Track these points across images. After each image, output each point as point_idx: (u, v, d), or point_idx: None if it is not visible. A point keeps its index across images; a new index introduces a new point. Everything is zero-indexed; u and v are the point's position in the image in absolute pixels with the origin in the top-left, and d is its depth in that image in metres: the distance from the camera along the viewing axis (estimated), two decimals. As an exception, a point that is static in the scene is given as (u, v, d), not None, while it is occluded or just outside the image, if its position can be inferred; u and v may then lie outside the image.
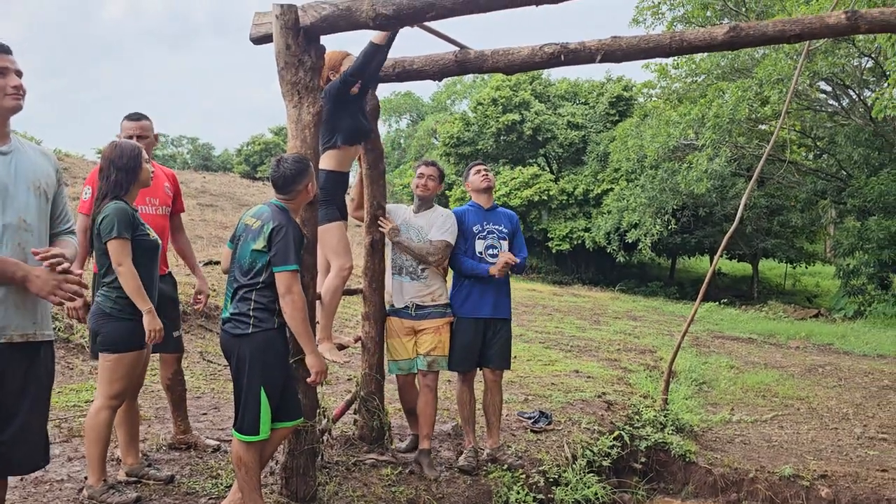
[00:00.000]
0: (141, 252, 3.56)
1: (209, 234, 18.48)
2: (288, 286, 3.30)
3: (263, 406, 3.32)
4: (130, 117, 4.31)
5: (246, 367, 3.33)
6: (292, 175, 3.49)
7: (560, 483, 5.02)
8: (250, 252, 3.39)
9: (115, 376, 3.51)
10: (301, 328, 3.34)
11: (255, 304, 3.35)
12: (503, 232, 4.98)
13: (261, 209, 3.52)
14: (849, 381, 9.96)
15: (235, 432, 3.38)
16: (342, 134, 4.29)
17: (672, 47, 4.03)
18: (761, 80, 16.62)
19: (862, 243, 18.38)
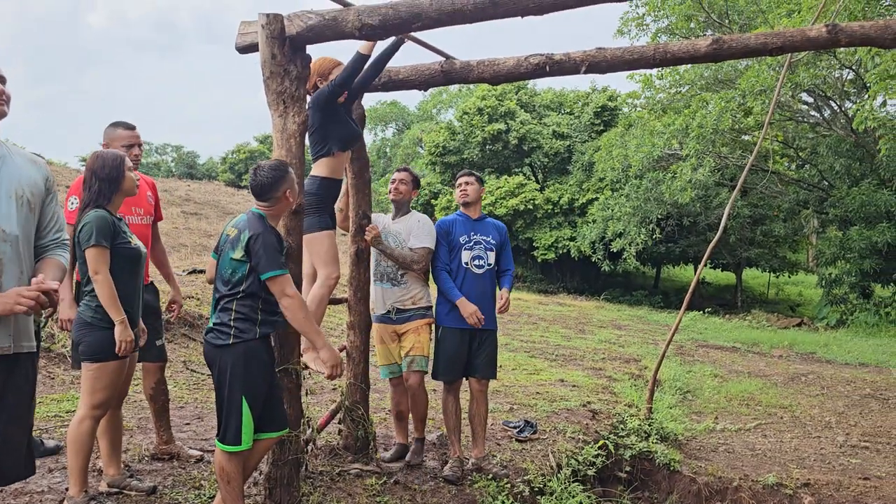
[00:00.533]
0: (122, 260, 3.54)
1: (193, 242, 18.39)
2: (281, 290, 3.31)
3: (245, 416, 3.29)
4: (125, 125, 4.27)
5: (227, 378, 3.31)
6: (269, 182, 3.47)
7: (545, 492, 5.02)
8: (230, 262, 3.38)
9: (97, 385, 3.48)
10: (306, 326, 3.37)
11: (236, 315, 3.33)
12: (490, 243, 5.00)
13: (240, 218, 3.52)
14: (831, 389, 10.04)
15: (218, 442, 3.35)
16: (335, 141, 4.29)
17: (656, 59, 4.07)
18: (744, 91, 16.78)
19: (844, 253, 18.57)
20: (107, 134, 4.23)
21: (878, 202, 17.47)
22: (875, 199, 17.56)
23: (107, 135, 4.23)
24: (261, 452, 3.53)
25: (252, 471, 3.58)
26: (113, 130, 4.23)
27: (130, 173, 3.66)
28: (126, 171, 3.62)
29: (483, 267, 4.92)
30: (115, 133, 4.22)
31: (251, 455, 3.46)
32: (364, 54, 4.12)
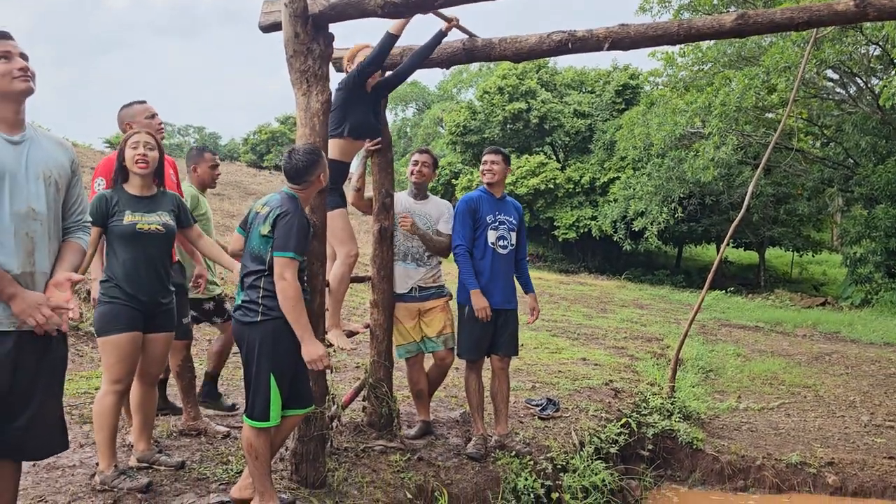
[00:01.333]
0: (115, 238, 3.63)
1: (216, 222, 18.42)
2: (281, 272, 3.30)
3: (273, 393, 3.34)
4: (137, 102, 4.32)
5: (255, 355, 3.35)
6: (304, 166, 3.50)
7: (568, 470, 5.05)
8: (259, 237, 3.41)
9: (109, 360, 3.56)
10: (293, 315, 3.31)
11: (265, 292, 3.37)
12: (513, 224, 5.00)
13: (271, 197, 3.55)
14: (856, 369, 9.96)
15: (246, 418, 3.40)
16: (350, 126, 4.30)
17: (680, 35, 4.01)
18: (768, 68, 16.51)
19: (869, 231, 18.32)
20: (124, 116, 4.27)
21: (904, 180, 17.21)
22: (902, 176, 17.29)
23: (125, 116, 4.26)
24: (287, 429, 3.57)
25: (279, 447, 3.63)
26: (129, 110, 4.28)
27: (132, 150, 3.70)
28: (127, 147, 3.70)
29: (507, 248, 4.93)
30: (132, 110, 4.28)
31: (278, 431, 3.50)
32: (393, 34, 4.12)
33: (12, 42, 2.63)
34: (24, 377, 2.56)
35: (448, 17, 4.35)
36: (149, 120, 4.27)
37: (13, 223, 2.54)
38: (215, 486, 3.70)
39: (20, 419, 2.57)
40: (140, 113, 4.27)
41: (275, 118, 48.56)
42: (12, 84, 2.59)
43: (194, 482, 3.73)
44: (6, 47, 2.61)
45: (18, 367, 2.54)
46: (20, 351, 2.54)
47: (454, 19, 4.36)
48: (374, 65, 4.22)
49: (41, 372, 2.63)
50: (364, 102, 4.36)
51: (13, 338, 2.52)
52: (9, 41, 2.63)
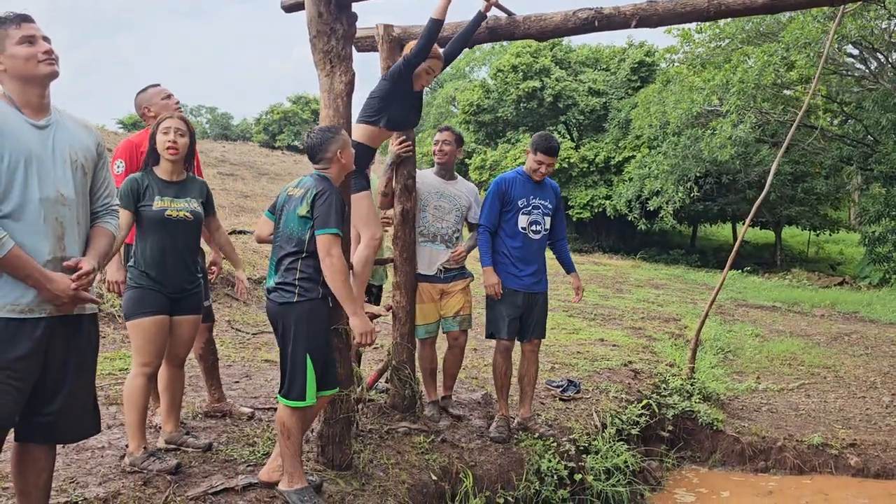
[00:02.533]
0: (144, 223, 3.62)
1: (230, 203, 18.55)
2: (328, 249, 3.32)
3: (310, 372, 3.35)
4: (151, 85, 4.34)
5: (292, 335, 3.37)
6: (318, 143, 3.50)
7: (590, 451, 5.06)
8: (296, 219, 3.41)
9: (137, 343, 3.59)
10: (342, 290, 3.35)
11: (301, 274, 3.38)
12: (548, 208, 4.94)
13: (304, 179, 3.55)
14: (875, 349, 9.89)
15: (282, 398, 3.42)
16: (388, 117, 4.26)
17: (710, 11, 3.94)
18: (788, 44, 16.26)
19: (888, 210, 18.10)
20: (142, 100, 4.27)
21: (926, 158, 16.96)
22: (923, 154, 17.04)
23: (142, 101, 4.26)
24: (316, 411, 3.59)
25: (307, 428, 3.64)
26: (144, 94, 4.29)
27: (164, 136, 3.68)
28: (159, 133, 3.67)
29: (540, 232, 4.90)
30: (148, 93, 4.28)
31: (309, 413, 3.52)
32: (437, 19, 4.05)
33: (35, 25, 2.61)
34: (55, 362, 2.58)
35: None
36: (165, 101, 4.27)
37: (42, 208, 2.53)
38: (243, 467, 3.72)
39: (53, 404, 2.58)
40: (156, 95, 4.28)
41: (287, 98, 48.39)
42: (38, 68, 2.57)
43: (222, 464, 3.75)
44: (30, 31, 2.58)
45: (50, 352, 2.55)
46: (51, 337, 2.55)
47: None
48: (422, 55, 4.15)
49: (72, 356, 2.64)
50: (407, 96, 4.31)
51: (44, 324, 2.53)
52: (31, 24, 2.60)
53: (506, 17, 4.47)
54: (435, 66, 4.31)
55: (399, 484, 3.86)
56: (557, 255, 5.16)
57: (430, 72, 4.31)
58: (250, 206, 18.29)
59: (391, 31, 4.70)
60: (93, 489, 3.31)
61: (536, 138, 4.88)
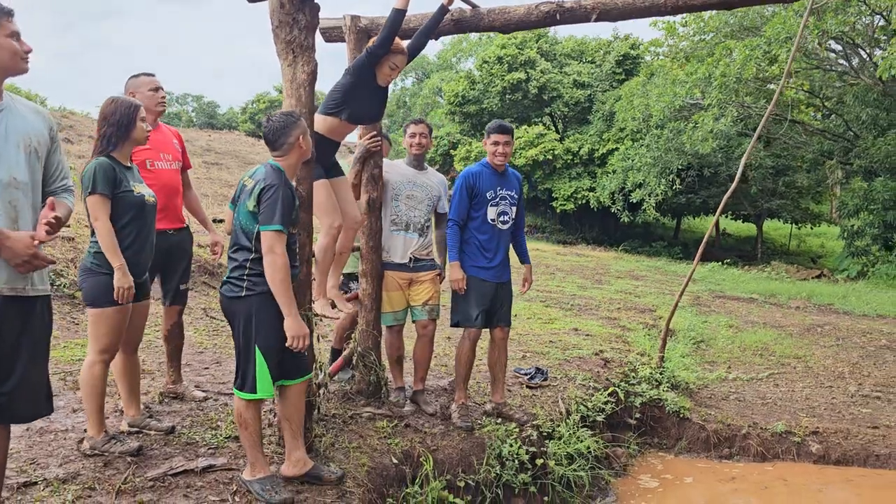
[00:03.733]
0: (124, 208, 3.58)
1: (214, 192, 18.50)
2: (270, 246, 3.29)
3: (260, 365, 3.36)
4: (145, 74, 4.42)
5: (242, 328, 3.38)
6: (280, 127, 3.47)
7: (553, 437, 5.14)
8: (246, 213, 3.40)
9: (99, 331, 3.57)
10: (279, 289, 3.31)
11: (251, 270, 3.37)
12: (514, 198, 5.02)
13: (258, 169, 3.52)
14: (846, 340, 10.04)
15: (236, 390, 3.45)
16: (350, 111, 4.28)
17: (668, 6, 4.01)
18: (770, 38, 16.38)
19: (867, 204, 18.32)
20: (130, 85, 4.37)
21: (904, 152, 17.16)
22: (901, 149, 17.24)
23: (130, 86, 4.37)
24: (294, 398, 3.58)
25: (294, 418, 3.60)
26: (136, 80, 4.38)
27: (143, 123, 3.70)
28: (138, 120, 3.66)
29: (507, 223, 4.97)
30: (139, 81, 4.37)
31: (285, 403, 3.55)
32: (400, 9, 4.07)
33: (15, 20, 2.68)
34: (7, 343, 2.62)
35: None
36: (152, 92, 4.35)
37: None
38: (204, 450, 3.78)
39: (6, 384, 2.63)
40: (144, 84, 4.36)
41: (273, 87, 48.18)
42: (20, 65, 2.70)
43: (184, 446, 3.81)
44: (16, 27, 2.67)
45: (2, 332, 2.60)
46: (4, 317, 2.59)
47: None
48: (384, 46, 4.16)
49: (25, 337, 2.68)
50: (370, 89, 4.33)
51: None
52: (14, 19, 2.67)
53: (470, 9, 4.54)
54: (399, 62, 4.32)
55: (359, 466, 3.93)
56: (515, 245, 5.21)
57: (393, 67, 4.32)
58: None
59: (358, 22, 4.75)
60: (53, 470, 3.37)
61: (489, 125, 4.95)
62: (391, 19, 4.10)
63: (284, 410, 3.58)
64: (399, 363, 5.10)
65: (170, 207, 4.38)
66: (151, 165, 4.32)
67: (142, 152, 4.21)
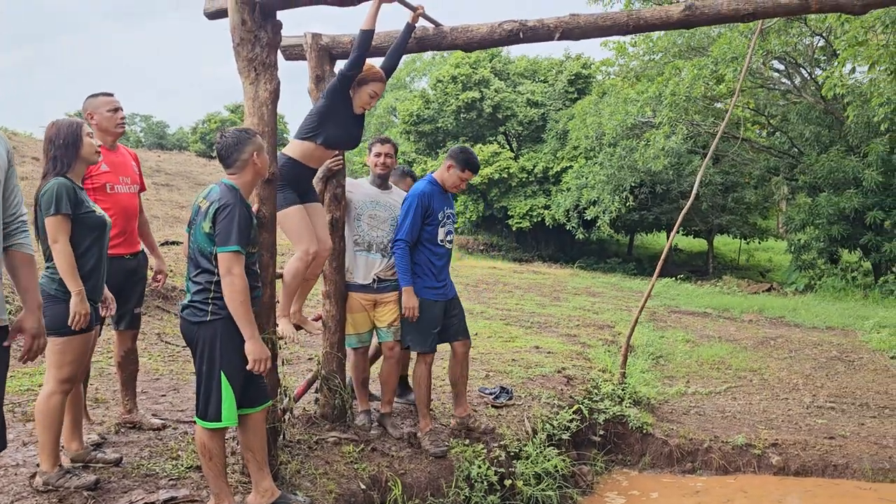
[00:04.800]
0: (86, 230, 3.48)
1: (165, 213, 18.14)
2: (228, 267, 3.21)
3: (226, 392, 3.26)
4: (103, 93, 4.30)
5: (206, 354, 3.27)
6: (234, 143, 3.38)
7: (521, 457, 5.11)
8: (203, 235, 3.30)
9: (63, 360, 3.42)
10: (239, 311, 3.23)
11: (215, 293, 3.28)
12: (455, 216, 5.07)
13: (212, 189, 3.42)
14: (799, 352, 10.26)
15: (198, 419, 3.33)
16: (326, 136, 4.22)
17: (629, 25, 4.07)
18: (717, 58, 16.81)
19: (812, 219, 18.82)
20: (88, 105, 4.25)
21: (845, 169, 17.70)
22: (843, 165, 17.78)
23: (88, 106, 4.25)
24: (257, 427, 3.48)
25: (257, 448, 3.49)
26: (94, 100, 4.26)
27: (90, 139, 3.59)
28: (84, 137, 3.55)
29: (452, 242, 4.98)
30: (97, 101, 4.25)
31: (245, 432, 3.43)
32: (366, 30, 4.06)
33: None
34: None
35: (412, 6, 4.32)
36: (110, 113, 4.23)
37: None
38: (165, 481, 3.65)
39: None
40: (102, 105, 4.25)
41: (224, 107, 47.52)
42: None
43: (143, 478, 3.66)
44: None
45: None
46: None
47: (419, 8, 4.34)
48: (356, 68, 4.14)
49: None
50: (346, 114, 4.28)
51: None
52: None
53: (433, 27, 4.53)
54: (378, 89, 4.30)
55: (326, 493, 3.84)
56: None
57: (373, 95, 4.31)
58: (186, 216, 17.88)
59: (319, 40, 4.70)
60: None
61: (462, 155, 4.81)
62: (360, 40, 4.08)
63: (248, 441, 3.46)
64: (365, 386, 5.00)
65: (128, 231, 4.25)
66: (112, 189, 4.18)
67: (101, 175, 4.09)
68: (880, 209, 17.43)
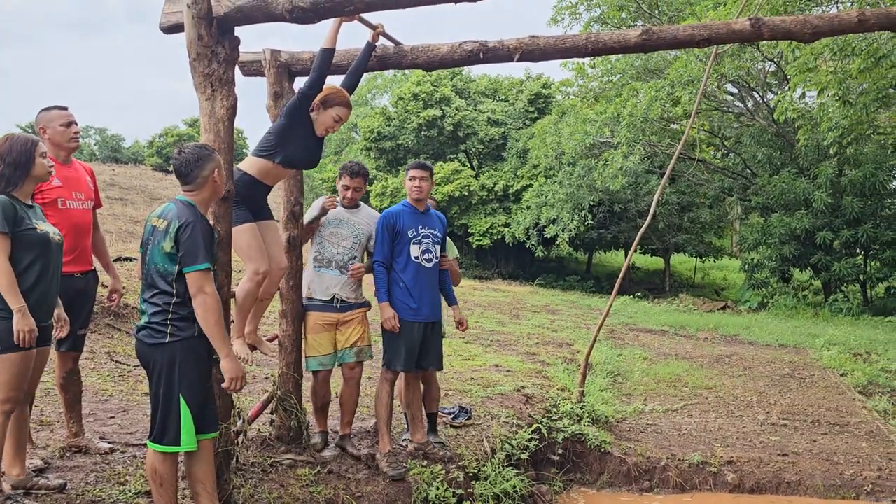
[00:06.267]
0: (26, 247, 3.38)
1: (118, 228, 17.80)
2: (199, 286, 3.15)
3: (184, 415, 3.19)
4: (58, 107, 4.19)
5: (164, 376, 3.19)
6: (193, 160, 3.32)
7: (479, 477, 5.07)
8: (161, 255, 3.22)
9: (3, 378, 3.30)
10: (214, 330, 3.18)
11: (174, 315, 3.21)
12: (437, 237, 5.01)
13: (166, 207, 3.34)
14: (753, 370, 10.44)
15: (152, 444, 3.23)
16: (285, 156, 4.16)
17: (588, 48, 4.12)
18: (673, 81, 17.17)
19: (765, 238, 19.25)
20: (41, 119, 4.14)
21: (796, 190, 18.18)
22: (794, 187, 18.25)
23: (41, 119, 4.14)
24: (208, 454, 3.39)
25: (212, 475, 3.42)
26: (47, 113, 4.15)
27: (43, 159, 3.49)
28: (37, 156, 3.45)
29: (432, 261, 4.93)
30: (50, 115, 4.14)
31: (198, 461, 3.33)
32: (327, 48, 4.05)
33: None
34: None
35: (372, 25, 4.32)
36: (63, 128, 4.11)
37: None
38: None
39: None
40: (56, 119, 4.13)
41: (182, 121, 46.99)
42: None
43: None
44: None
45: None
46: None
47: (379, 27, 4.34)
48: (316, 87, 4.11)
49: None
50: (306, 135, 4.22)
51: None
52: None
53: (393, 46, 4.52)
54: (343, 115, 4.28)
55: (281, 519, 3.75)
56: (442, 288, 5.18)
57: (337, 119, 4.27)
58: (140, 231, 17.58)
59: (278, 57, 4.66)
60: (-62, 538, 3.05)
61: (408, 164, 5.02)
62: (320, 58, 4.05)
63: (198, 470, 3.34)
64: (324, 411, 4.89)
65: (79, 249, 4.12)
66: (63, 204, 4.05)
67: (53, 190, 3.97)
68: (829, 230, 17.92)
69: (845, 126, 12.67)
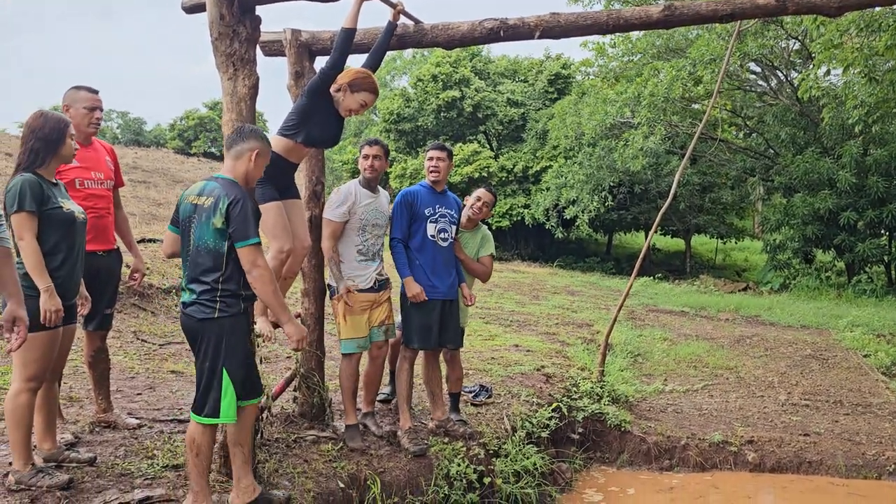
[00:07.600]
0: (53, 226, 3.42)
1: (142, 210, 17.92)
2: (253, 261, 3.24)
3: (226, 388, 3.28)
4: (88, 89, 4.18)
5: (210, 350, 3.28)
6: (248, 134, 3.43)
7: (500, 455, 5.12)
8: (211, 232, 3.27)
9: (28, 357, 3.36)
10: (273, 300, 3.32)
11: (223, 291, 3.29)
12: (454, 217, 5.06)
13: (206, 185, 3.38)
14: (774, 351, 10.38)
15: (194, 414, 3.33)
16: (307, 135, 4.17)
17: (609, 24, 4.08)
18: (694, 60, 16.95)
19: (787, 219, 19.03)
20: (67, 96, 4.15)
21: (820, 170, 17.92)
22: (818, 166, 18.00)
23: (67, 97, 4.14)
24: (249, 420, 3.50)
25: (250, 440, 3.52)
26: (75, 93, 4.15)
27: (71, 141, 3.53)
28: (68, 137, 3.50)
29: (447, 240, 5.00)
30: (78, 95, 4.14)
31: (239, 426, 3.43)
32: (348, 28, 4.05)
33: None
34: None
35: (392, 3, 4.31)
36: (86, 111, 4.13)
37: None
38: (140, 480, 3.60)
39: None
40: (81, 100, 4.14)
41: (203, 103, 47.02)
42: None
43: (118, 478, 3.62)
44: None
45: None
46: None
47: (399, 5, 4.33)
48: (337, 67, 4.10)
49: None
50: (328, 114, 4.23)
51: None
52: None
53: (413, 25, 4.51)
54: (370, 101, 4.25)
55: (305, 492, 3.81)
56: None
57: (363, 104, 4.24)
58: (163, 214, 17.70)
59: (299, 36, 4.67)
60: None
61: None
62: (341, 38, 4.06)
63: (238, 434, 3.46)
64: (355, 397, 4.79)
65: (99, 227, 4.17)
66: (81, 184, 4.10)
67: (71, 170, 4.00)
68: (853, 210, 17.67)
69: (871, 104, 12.45)
